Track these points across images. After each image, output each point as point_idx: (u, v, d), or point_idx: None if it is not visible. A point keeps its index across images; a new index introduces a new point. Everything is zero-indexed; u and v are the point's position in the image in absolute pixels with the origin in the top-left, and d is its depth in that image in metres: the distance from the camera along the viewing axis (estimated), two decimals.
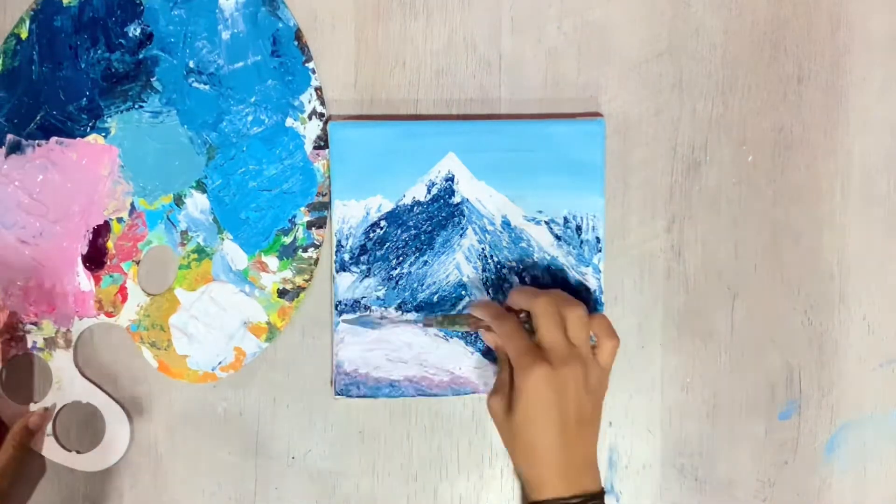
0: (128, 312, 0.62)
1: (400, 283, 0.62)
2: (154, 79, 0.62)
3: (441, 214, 0.62)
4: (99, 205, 0.62)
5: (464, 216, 0.62)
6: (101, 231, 0.62)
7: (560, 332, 0.54)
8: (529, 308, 0.56)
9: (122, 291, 0.62)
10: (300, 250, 0.62)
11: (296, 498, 0.63)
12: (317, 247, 0.62)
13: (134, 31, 0.62)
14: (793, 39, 0.63)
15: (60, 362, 0.62)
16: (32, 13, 0.61)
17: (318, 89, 0.62)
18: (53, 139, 0.62)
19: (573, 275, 0.62)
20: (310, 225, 0.62)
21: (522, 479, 0.56)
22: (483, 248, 0.62)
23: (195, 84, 0.62)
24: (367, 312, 0.61)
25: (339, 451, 0.63)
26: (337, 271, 0.62)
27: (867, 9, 0.63)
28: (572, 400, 0.53)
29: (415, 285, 0.62)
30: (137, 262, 0.62)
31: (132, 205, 0.62)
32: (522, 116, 0.63)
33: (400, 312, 0.61)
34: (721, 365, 0.63)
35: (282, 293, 0.62)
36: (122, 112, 0.62)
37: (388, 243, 0.62)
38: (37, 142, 0.62)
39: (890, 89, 0.64)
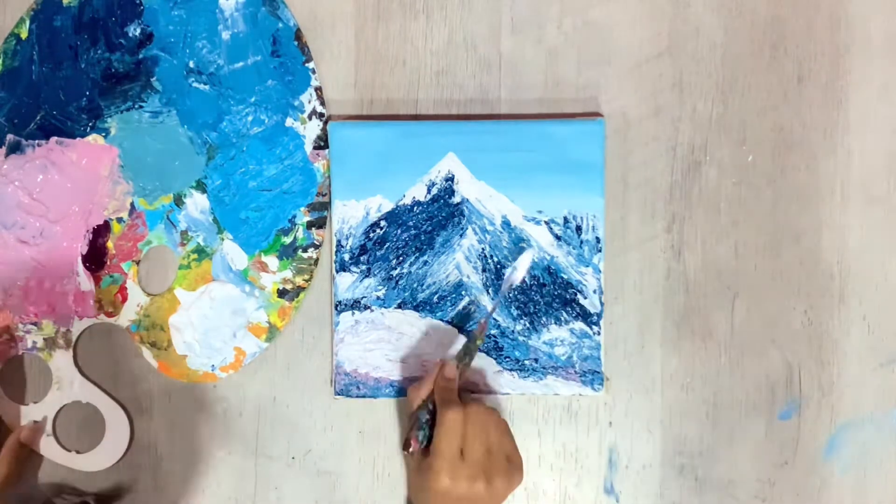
0: (128, 312, 0.62)
1: (400, 283, 0.62)
2: (154, 79, 0.62)
3: (441, 214, 0.62)
4: (99, 205, 0.62)
5: (464, 216, 0.62)
6: (101, 231, 0.62)
7: None
8: None
9: (122, 291, 0.62)
10: (300, 250, 0.62)
11: (296, 498, 0.63)
12: (317, 247, 0.62)
13: (134, 31, 0.62)
14: (793, 39, 0.63)
15: (60, 362, 0.62)
16: (32, 13, 0.61)
17: (318, 89, 0.62)
18: (53, 139, 0.62)
19: (573, 275, 0.62)
20: (310, 225, 0.62)
21: None
22: (483, 248, 0.62)
23: (195, 84, 0.62)
24: None
25: (339, 451, 0.63)
26: (337, 271, 0.62)
27: (867, 9, 0.63)
28: None
29: (415, 285, 0.62)
30: (137, 262, 0.62)
31: (132, 205, 0.62)
32: (522, 116, 0.63)
33: None
34: (721, 365, 0.63)
35: (282, 293, 0.62)
36: (121, 112, 0.62)
37: (388, 243, 0.62)
38: (37, 142, 0.62)
39: (890, 89, 0.64)
